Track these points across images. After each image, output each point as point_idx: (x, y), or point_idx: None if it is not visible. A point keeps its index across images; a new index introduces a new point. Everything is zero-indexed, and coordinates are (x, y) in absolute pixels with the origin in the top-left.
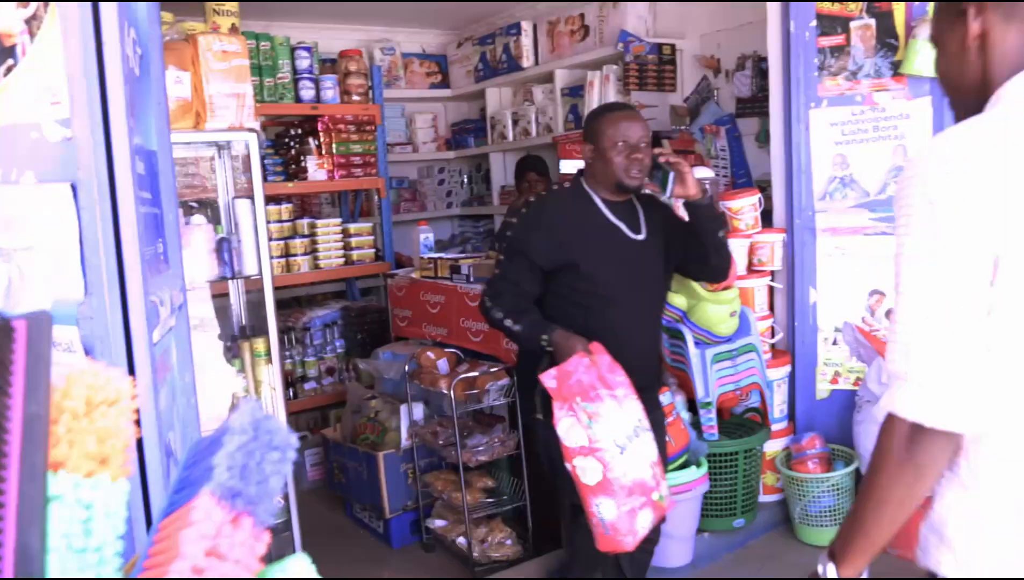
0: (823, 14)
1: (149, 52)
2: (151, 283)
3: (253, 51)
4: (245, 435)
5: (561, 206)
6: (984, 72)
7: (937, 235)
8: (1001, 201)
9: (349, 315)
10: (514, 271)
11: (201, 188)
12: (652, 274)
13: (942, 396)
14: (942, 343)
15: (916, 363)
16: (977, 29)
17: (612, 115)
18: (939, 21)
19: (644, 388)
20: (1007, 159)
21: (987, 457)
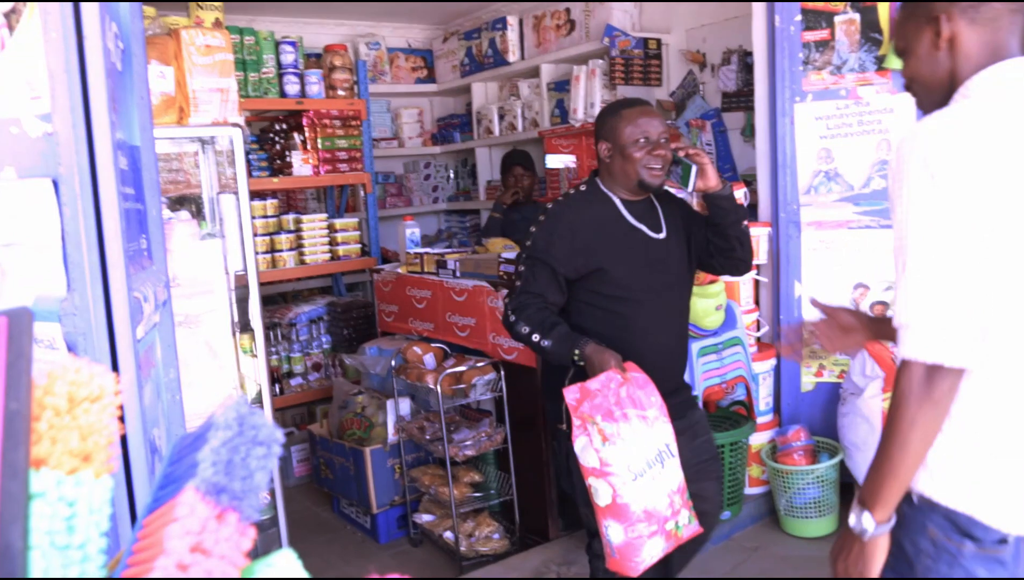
0: (808, 9)
1: (131, 46)
2: (134, 279)
3: (237, 46)
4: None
5: (580, 211)
6: (952, 70)
7: (938, 201)
8: (990, 169)
9: (335, 311)
10: (537, 283)
11: (185, 184)
12: (676, 273)
13: (951, 337)
14: (948, 291)
15: (926, 311)
16: (948, 33)
17: (630, 111)
18: (907, 29)
19: (675, 390)
20: (991, 136)
21: (971, 388)
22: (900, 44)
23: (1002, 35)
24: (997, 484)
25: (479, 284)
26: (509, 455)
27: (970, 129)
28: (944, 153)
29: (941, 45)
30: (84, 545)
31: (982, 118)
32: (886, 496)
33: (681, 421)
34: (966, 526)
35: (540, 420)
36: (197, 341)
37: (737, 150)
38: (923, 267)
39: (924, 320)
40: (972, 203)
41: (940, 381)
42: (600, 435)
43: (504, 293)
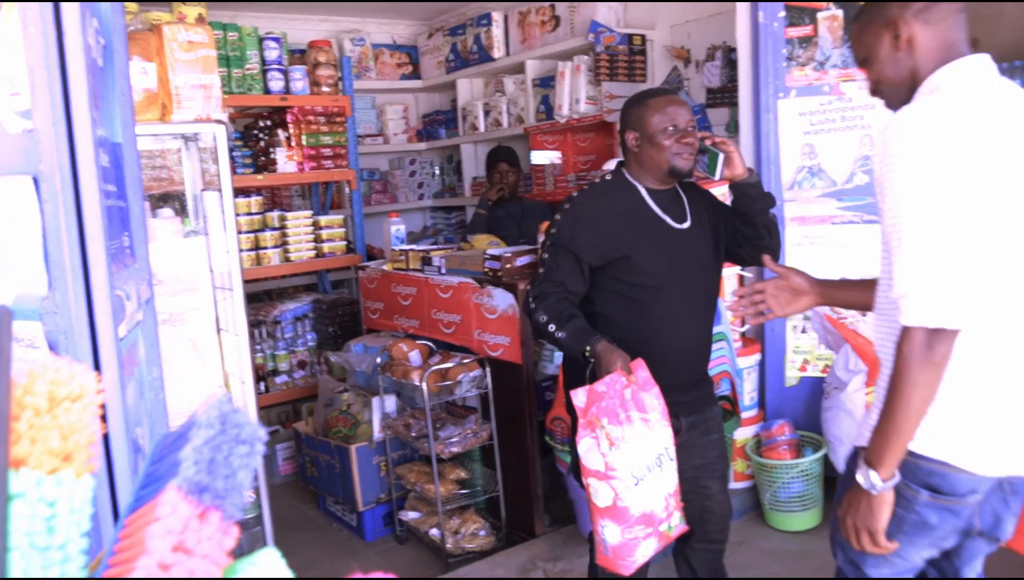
0: (791, 5)
1: (112, 42)
2: (117, 277)
3: (220, 41)
4: (212, 429)
5: (604, 199)
6: (914, 68)
7: (926, 180)
8: (967, 151)
9: (320, 308)
10: (560, 270)
11: (169, 181)
12: (701, 263)
13: (949, 303)
14: (943, 262)
15: (926, 280)
16: (906, 35)
17: (658, 100)
18: (866, 37)
19: (698, 382)
20: (965, 122)
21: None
22: (861, 53)
23: (952, 33)
24: (970, 432)
25: (464, 281)
26: (495, 452)
27: (947, 116)
28: (927, 138)
29: (901, 47)
30: (65, 546)
31: (955, 107)
32: (891, 454)
33: (697, 415)
34: (925, 477)
35: (525, 416)
36: (181, 339)
37: None
38: (918, 242)
39: (923, 289)
40: (956, 181)
41: (940, 344)
42: (608, 440)
43: (488, 289)
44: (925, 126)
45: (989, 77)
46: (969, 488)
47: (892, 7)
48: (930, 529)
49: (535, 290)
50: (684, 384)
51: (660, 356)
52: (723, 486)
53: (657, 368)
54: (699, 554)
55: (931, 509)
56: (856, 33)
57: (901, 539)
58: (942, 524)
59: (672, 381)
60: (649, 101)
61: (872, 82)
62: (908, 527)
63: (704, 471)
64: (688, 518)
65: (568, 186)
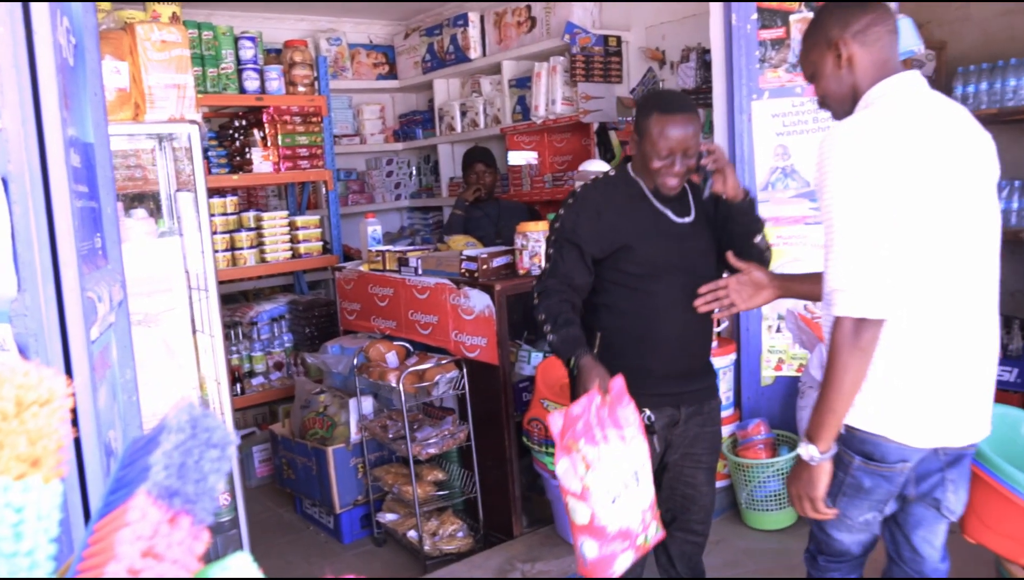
0: (764, 8)
1: (84, 41)
2: (88, 279)
3: (195, 40)
4: (183, 433)
5: (606, 193)
6: (854, 84)
7: (854, 187)
8: (892, 161)
9: (297, 309)
10: (565, 264)
11: (143, 180)
12: (701, 256)
13: (873, 296)
14: (868, 260)
15: (852, 276)
16: (847, 54)
17: (664, 117)
18: (812, 56)
19: (701, 373)
20: (891, 135)
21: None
22: (809, 70)
23: (886, 52)
24: (900, 409)
25: (441, 282)
26: (472, 453)
27: (875, 130)
28: (856, 149)
29: (843, 65)
30: (32, 552)
31: (884, 121)
32: (827, 430)
33: (696, 406)
34: (859, 445)
35: (503, 417)
36: (155, 340)
37: None
38: (846, 241)
39: (851, 284)
40: (881, 187)
41: (865, 332)
42: (584, 463)
43: (465, 289)
44: (855, 139)
45: (919, 91)
46: (899, 457)
47: (833, 29)
48: (866, 492)
49: (540, 285)
50: (684, 374)
51: (661, 345)
52: (709, 479)
53: (657, 356)
54: (678, 543)
55: (864, 474)
56: (804, 52)
57: (843, 500)
58: (876, 488)
59: (672, 369)
60: (655, 115)
61: (819, 96)
62: (847, 489)
63: (692, 460)
64: (671, 506)
65: (545, 187)
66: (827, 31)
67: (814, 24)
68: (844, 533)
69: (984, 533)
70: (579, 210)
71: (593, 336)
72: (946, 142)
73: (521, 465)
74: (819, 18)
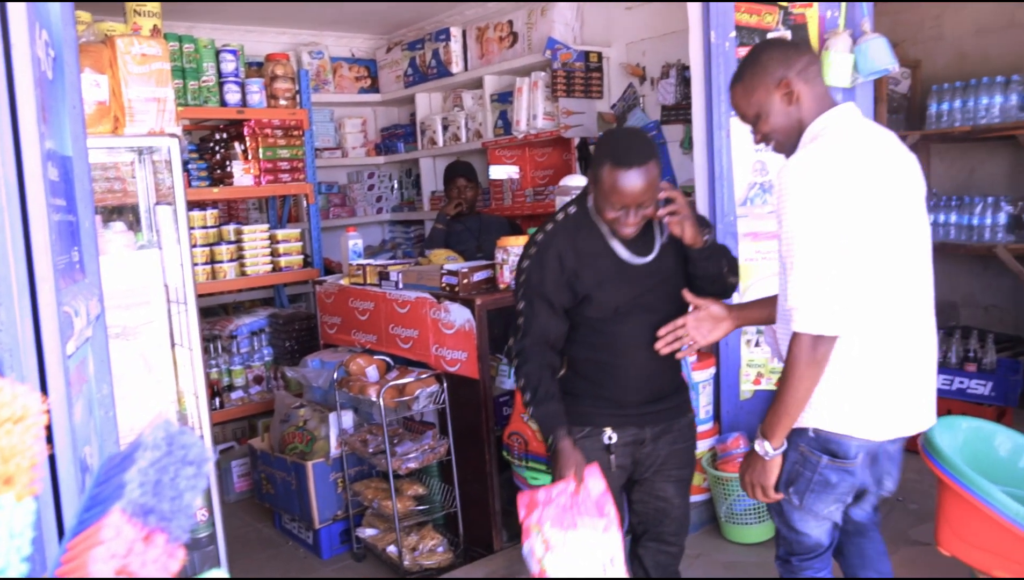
0: (742, 26)
1: (63, 54)
2: (65, 293)
3: (176, 53)
4: (158, 450)
5: (567, 239)
6: (800, 119)
7: (811, 214)
8: (844, 188)
9: (277, 322)
10: (538, 321)
11: (122, 193)
12: (667, 291)
13: (828, 315)
14: (824, 280)
15: (809, 296)
16: (796, 91)
17: (617, 171)
18: (757, 97)
19: (672, 393)
20: (842, 164)
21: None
22: (752, 111)
23: (821, 86)
24: (856, 409)
25: (422, 296)
26: (453, 467)
27: (826, 161)
28: (811, 179)
29: (793, 102)
30: (4, 571)
31: (831, 153)
32: (781, 430)
33: (663, 425)
34: (824, 444)
35: (483, 431)
36: (133, 354)
37: (677, 162)
38: (805, 264)
39: (808, 303)
40: (835, 213)
41: (821, 347)
42: (544, 545)
43: (446, 304)
44: (810, 170)
45: (857, 122)
46: (856, 451)
47: (779, 69)
48: (832, 487)
49: (517, 346)
50: (649, 398)
51: (624, 379)
52: (681, 491)
53: (622, 388)
54: (652, 553)
55: (831, 470)
56: (741, 94)
57: (811, 496)
58: (840, 483)
59: (639, 398)
60: (607, 167)
61: (763, 134)
62: (815, 486)
63: (662, 476)
64: (643, 519)
65: (526, 201)
66: (773, 72)
67: (755, 67)
68: (813, 526)
69: (958, 545)
70: (543, 262)
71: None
72: (884, 168)
73: (501, 479)
74: (759, 61)
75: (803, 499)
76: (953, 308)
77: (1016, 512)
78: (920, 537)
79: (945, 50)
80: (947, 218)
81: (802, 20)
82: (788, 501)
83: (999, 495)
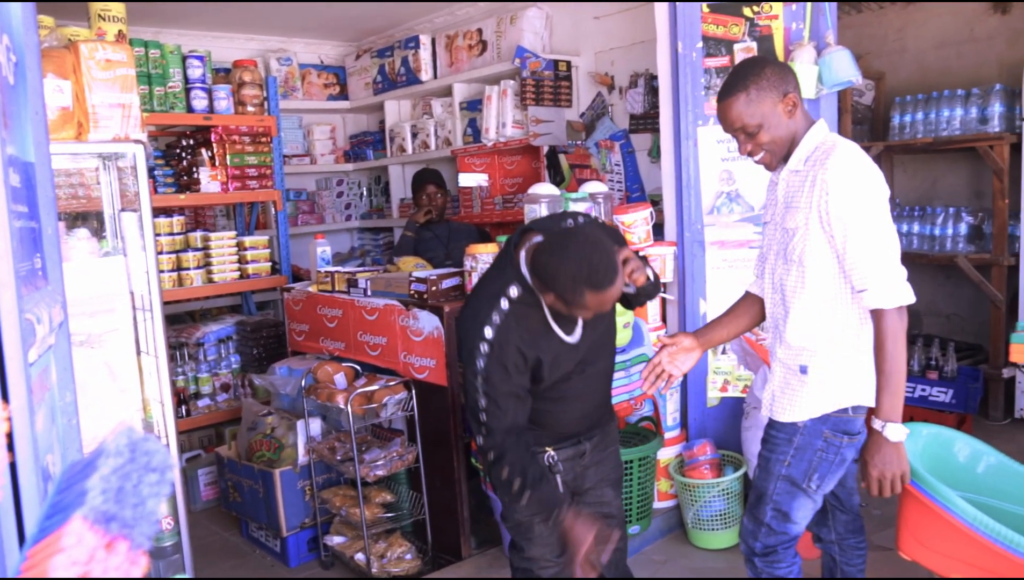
0: (709, 36)
1: (25, 59)
2: (27, 300)
3: (142, 59)
4: (121, 457)
5: (521, 329)
6: (795, 130)
7: (874, 207)
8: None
9: (244, 330)
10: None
11: (86, 199)
12: (596, 355)
13: (905, 286)
14: (895, 260)
15: (887, 275)
16: (796, 102)
17: (599, 295)
18: (762, 107)
19: (598, 423)
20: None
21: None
22: (755, 122)
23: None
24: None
25: (390, 303)
26: (421, 474)
27: (868, 161)
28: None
29: (794, 113)
30: None
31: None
32: (900, 407)
33: (596, 435)
34: (844, 427)
35: (451, 439)
36: (98, 362)
37: (644, 170)
38: (876, 247)
39: (888, 280)
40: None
41: (904, 316)
42: None
43: (414, 311)
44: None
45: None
46: (861, 425)
47: (783, 83)
48: (845, 462)
49: (487, 443)
50: (590, 427)
51: (569, 420)
52: (617, 492)
53: (566, 426)
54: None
55: (849, 448)
56: (745, 104)
57: (830, 479)
58: (851, 456)
59: (578, 428)
60: (584, 291)
61: (760, 145)
62: (835, 467)
63: (603, 482)
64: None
65: (495, 209)
66: (779, 85)
67: (761, 80)
68: (810, 506)
69: (918, 550)
70: (503, 360)
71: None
72: None
73: (470, 486)
74: (764, 74)
75: (823, 482)
76: (916, 317)
77: (973, 517)
78: (883, 542)
79: (908, 63)
80: (910, 228)
81: (768, 32)
82: (804, 489)
83: (957, 500)
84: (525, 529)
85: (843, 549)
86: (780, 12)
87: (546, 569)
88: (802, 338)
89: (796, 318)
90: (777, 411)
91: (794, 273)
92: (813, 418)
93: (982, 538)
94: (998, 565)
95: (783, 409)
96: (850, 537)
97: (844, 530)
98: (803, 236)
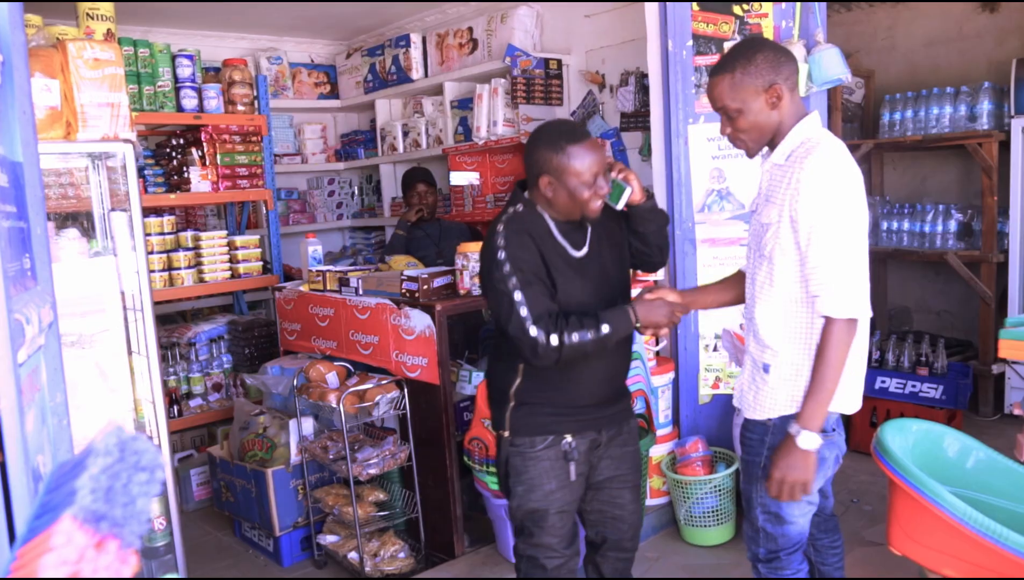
0: (698, 34)
1: (12, 59)
2: (16, 300)
3: (131, 58)
4: (110, 456)
5: (524, 240)
6: (780, 122)
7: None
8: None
9: (236, 329)
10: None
11: (76, 199)
12: (602, 286)
13: (860, 300)
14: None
15: (841, 284)
16: (783, 96)
17: (576, 148)
18: (743, 94)
19: (618, 397)
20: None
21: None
22: (734, 105)
23: (797, 95)
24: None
25: (382, 302)
26: (414, 473)
27: (842, 164)
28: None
29: (778, 105)
30: None
31: (842, 157)
32: (822, 417)
33: (615, 428)
34: None
35: (444, 437)
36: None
37: (635, 168)
38: (833, 255)
39: (841, 290)
40: (851, 212)
41: (853, 329)
42: None
43: (406, 309)
44: (831, 171)
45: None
46: (833, 423)
47: (770, 73)
48: (825, 462)
49: (546, 324)
50: (604, 401)
51: (586, 383)
52: (636, 496)
53: (582, 390)
54: (611, 562)
55: (825, 447)
56: (729, 87)
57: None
58: (828, 456)
59: (593, 399)
60: (568, 149)
61: (736, 129)
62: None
63: (618, 482)
64: (600, 529)
65: (487, 208)
66: (765, 75)
67: (748, 65)
68: (805, 512)
69: (908, 545)
70: (521, 242)
71: (515, 370)
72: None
73: (462, 484)
74: (754, 60)
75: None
76: (906, 313)
77: (963, 512)
78: (874, 538)
79: (897, 61)
80: (900, 225)
81: (758, 30)
82: None
83: (947, 495)
84: (539, 517)
85: (817, 550)
86: (770, 10)
87: (552, 559)
88: (767, 334)
89: (762, 314)
90: (746, 407)
91: (764, 269)
92: (782, 415)
93: (972, 533)
94: (988, 560)
95: (750, 406)
96: (823, 537)
97: (816, 531)
98: (775, 232)
